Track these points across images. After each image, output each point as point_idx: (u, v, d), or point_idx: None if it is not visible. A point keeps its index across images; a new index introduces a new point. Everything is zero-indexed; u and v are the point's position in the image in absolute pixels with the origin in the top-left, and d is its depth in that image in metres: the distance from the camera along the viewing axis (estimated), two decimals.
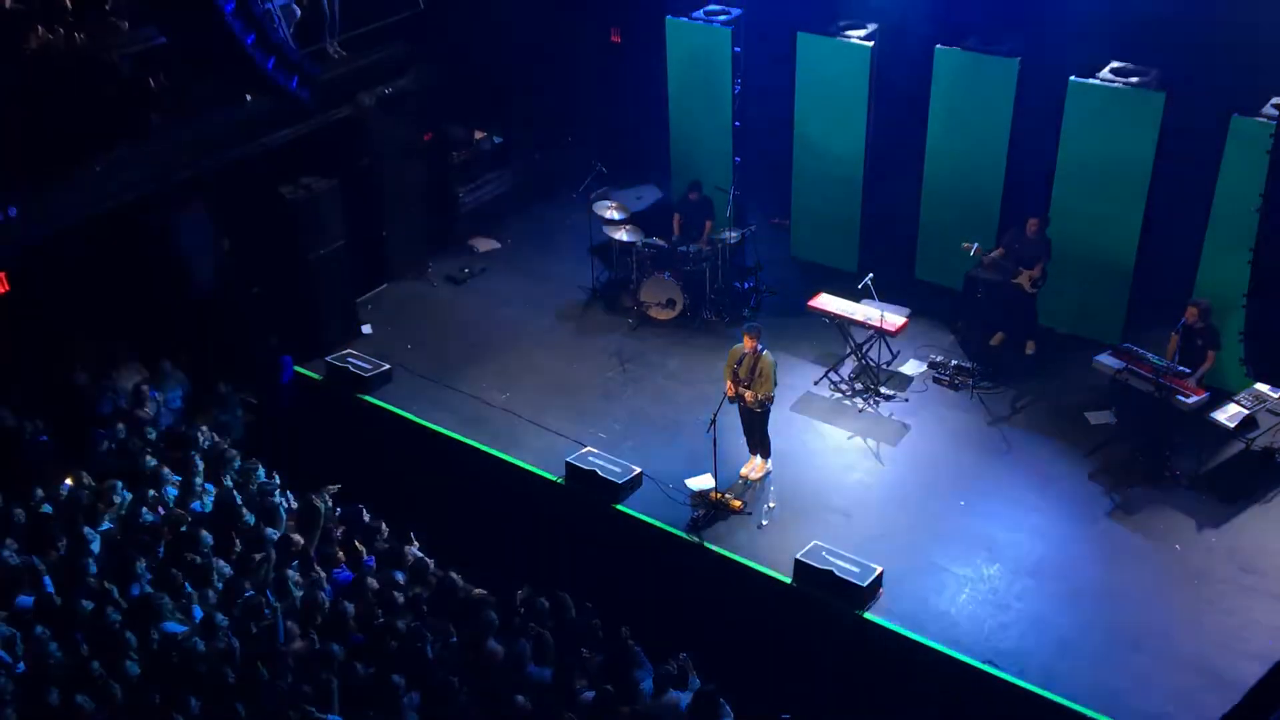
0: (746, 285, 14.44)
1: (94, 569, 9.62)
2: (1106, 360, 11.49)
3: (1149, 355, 11.22)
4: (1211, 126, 11.70)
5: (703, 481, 11.41)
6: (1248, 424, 10.91)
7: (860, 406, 12.54)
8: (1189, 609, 10.00)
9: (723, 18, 14.67)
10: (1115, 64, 12.44)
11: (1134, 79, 12.19)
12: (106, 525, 10.29)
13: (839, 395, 12.75)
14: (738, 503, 11.23)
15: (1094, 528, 10.86)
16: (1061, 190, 12.81)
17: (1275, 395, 11.03)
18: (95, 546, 10.02)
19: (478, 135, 16.58)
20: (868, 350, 12.75)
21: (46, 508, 10.41)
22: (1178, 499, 11.07)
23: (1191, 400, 10.89)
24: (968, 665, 9.55)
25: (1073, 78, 12.38)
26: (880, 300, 12.51)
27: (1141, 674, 9.43)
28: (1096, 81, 12.29)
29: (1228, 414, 11.00)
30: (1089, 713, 9.13)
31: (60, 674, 8.45)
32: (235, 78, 12.14)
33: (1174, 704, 9.16)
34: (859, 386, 12.78)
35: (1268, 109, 11.23)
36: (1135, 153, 12.19)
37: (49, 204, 11.34)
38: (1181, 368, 11.02)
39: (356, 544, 10.34)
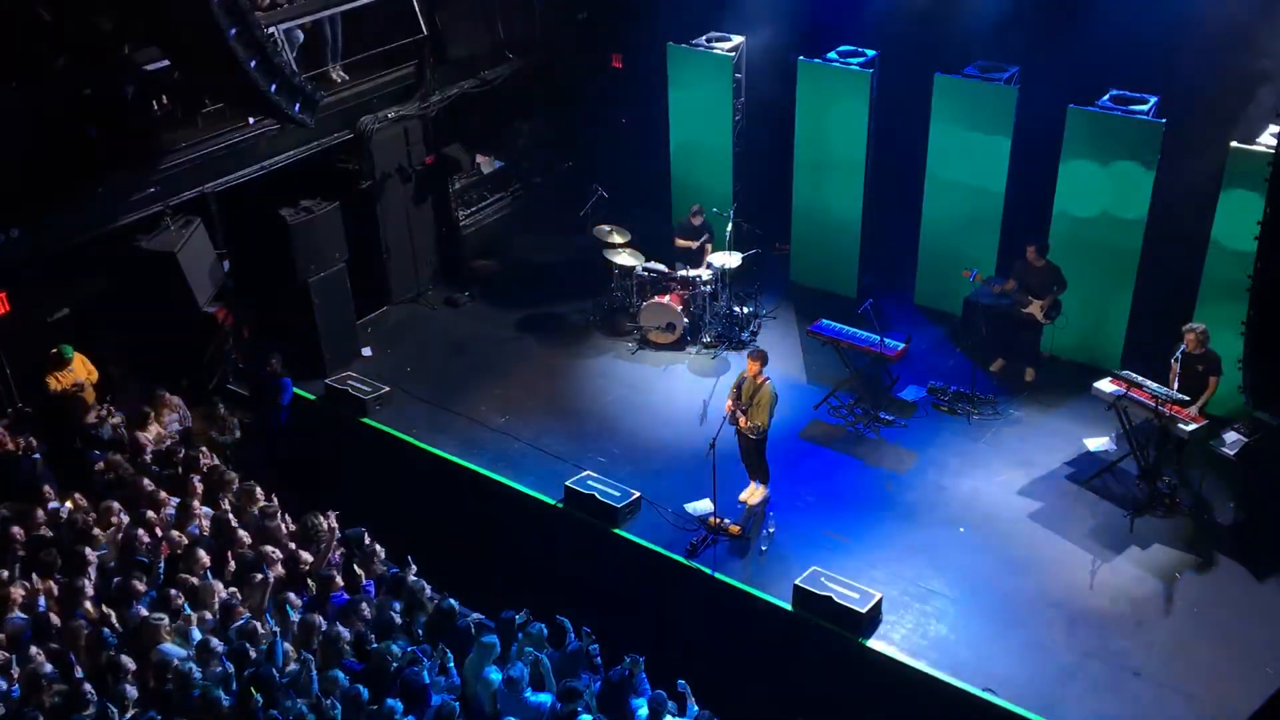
0: (746, 310, 14.46)
1: (91, 591, 9.58)
2: (1106, 387, 11.48)
3: (1149, 382, 11.21)
4: (1209, 154, 11.73)
5: (702, 506, 11.39)
6: (1248, 451, 10.90)
7: (859, 432, 12.54)
8: (1189, 636, 9.97)
9: (724, 44, 14.76)
10: (1114, 92, 12.50)
11: (1133, 107, 12.25)
12: (104, 548, 10.26)
13: (838, 420, 12.74)
14: (736, 528, 11.20)
15: (1093, 555, 10.82)
16: (1061, 217, 12.85)
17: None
18: (93, 570, 9.98)
19: (479, 159, 16.62)
20: (867, 376, 12.75)
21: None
22: (1177, 526, 11.04)
23: (1191, 427, 10.87)
24: (966, 693, 9.50)
25: (1072, 105, 12.43)
26: (880, 326, 12.52)
27: (1141, 702, 9.38)
28: (1096, 110, 12.35)
29: (1228, 441, 10.99)
30: None
31: (54, 697, 8.41)
32: (237, 101, 12.20)
33: None
34: (858, 412, 12.78)
35: (1266, 136, 11.27)
36: (1134, 180, 12.23)
37: (50, 225, 11.36)
38: (1182, 395, 10.99)
39: (355, 568, 10.30)
